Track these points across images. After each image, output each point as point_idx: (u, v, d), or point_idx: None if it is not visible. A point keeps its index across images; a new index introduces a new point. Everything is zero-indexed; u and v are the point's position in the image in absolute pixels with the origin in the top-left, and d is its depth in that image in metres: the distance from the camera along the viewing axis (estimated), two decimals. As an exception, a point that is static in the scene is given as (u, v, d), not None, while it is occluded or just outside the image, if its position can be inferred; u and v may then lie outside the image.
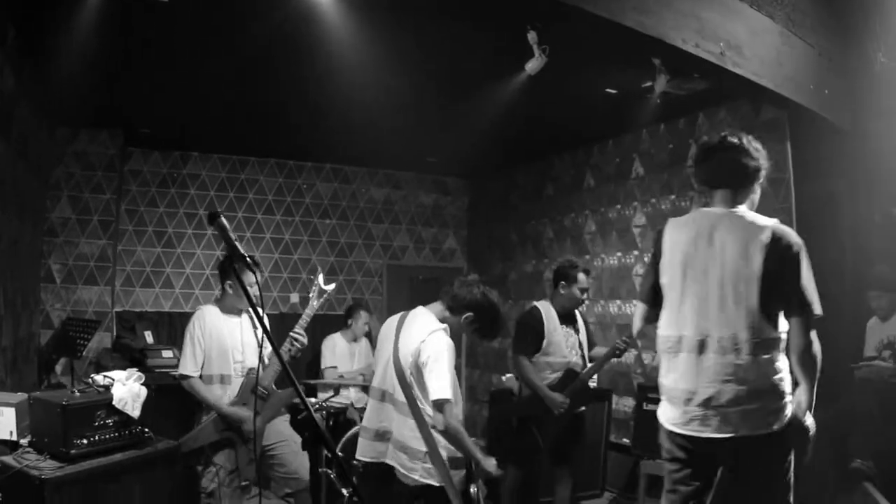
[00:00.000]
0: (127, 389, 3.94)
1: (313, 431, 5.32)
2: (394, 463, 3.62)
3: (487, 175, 10.15)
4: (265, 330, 2.33)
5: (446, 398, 3.47)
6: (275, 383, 4.64)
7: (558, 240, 8.75)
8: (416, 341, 3.61)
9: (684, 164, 6.98)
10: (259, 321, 2.34)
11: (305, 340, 4.54)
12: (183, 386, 4.57)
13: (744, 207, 3.12)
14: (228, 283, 4.65)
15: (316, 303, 4.55)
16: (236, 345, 4.61)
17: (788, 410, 2.97)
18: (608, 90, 6.20)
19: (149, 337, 7.71)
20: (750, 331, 2.92)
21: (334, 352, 7.21)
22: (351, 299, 9.06)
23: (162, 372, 6.52)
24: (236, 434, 4.48)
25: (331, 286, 4.61)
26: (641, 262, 7.43)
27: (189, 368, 4.53)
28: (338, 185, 9.63)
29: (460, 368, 9.51)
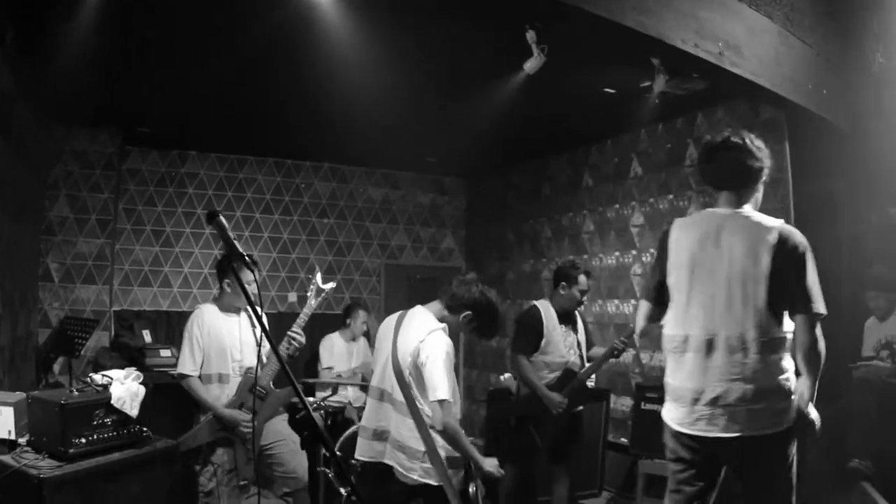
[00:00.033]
0: (125, 388, 3.94)
1: (312, 431, 5.32)
2: (392, 462, 3.62)
3: (485, 175, 10.15)
4: (264, 329, 2.33)
5: (445, 398, 3.47)
6: (273, 382, 4.64)
7: (556, 239, 8.75)
8: (415, 341, 3.61)
9: (682, 164, 6.99)
10: (258, 320, 2.35)
11: (303, 339, 4.53)
12: (181, 385, 4.57)
13: (749, 207, 3.15)
14: (227, 282, 4.65)
15: (314, 302, 4.55)
16: (235, 344, 4.61)
17: (793, 411, 2.99)
18: (606, 90, 6.21)
19: (147, 336, 7.72)
20: (757, 330, 2.95)
21: (332, 352, 7.21)
22: (349, 299, 9.04)
23: (160, 371, 6.53)
24: (234, 433, 4.48)
25: (329, 285, 4.61)
26: (640, 262, 7.44)
27: (188, 367, 4.54)
28: (336, 185, 9.63)
29: (458, 368, 9.50)
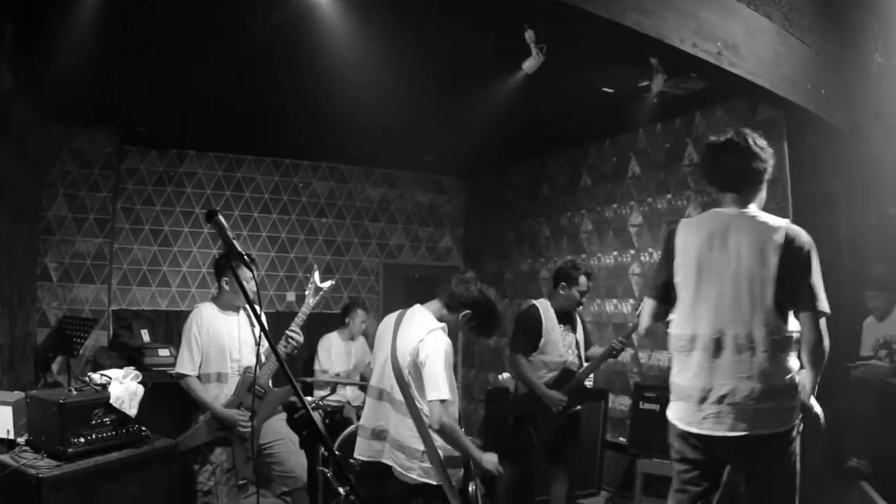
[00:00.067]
0: (124, 388, 3.93)
1: (311, 430, 5.33)
2: (391, 462, 3.62)
3: (484, 174, 10.15)
4: (262, 327, 2.32)
5: (445, 397, 3.47)
6: (271, 381, 4.64)
7: (554, 239, 8.75)
8: (414, 340, 3.60)
9: (681, 164, 6.99)
10: (256, 318, 2.34)
11: (301, 338, 4.53)
12: (180, 384, 4.57)
13: (754, 207, 3.18)
14: (225, 280, 4.65)
15: (312, 300, 4.54)
16: (234, 343, 4.61)
17: (799, 410, 3.03)
18: (605, 89, 6.21)
19: (145, 335, 7.71)
20: (765, 329, 2.97)
21: (330, 352, 7.19)
22: (347, 298, 9.05)
23: (159, 370, 6.53)
24: (233, 433, 4.47)
25: (327, 283, 4.60)
26: (638, 262, 7.44)
27: (186, 367, 4.53)
28: (334, 184, 9.62)
29: (457, 367, 9.51)
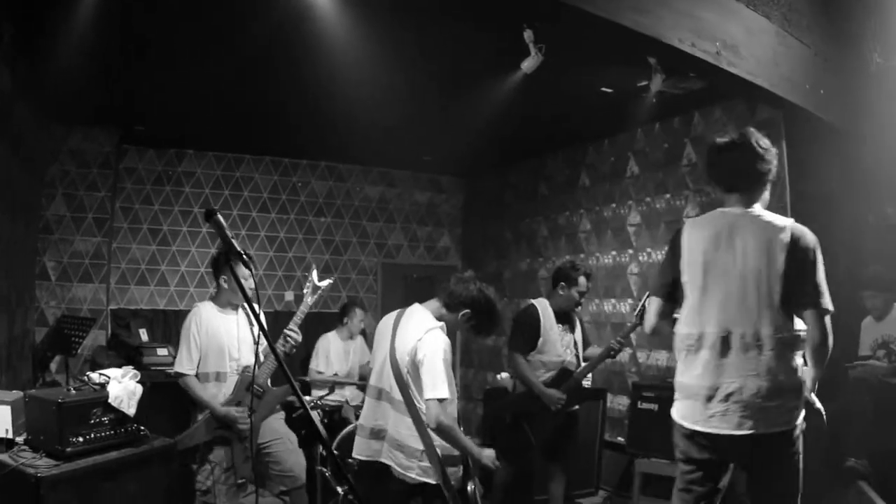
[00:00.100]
0: (123, 387, 3.93)
1: (309, 429, 5.32)
2: (389, 462, 3.62)
3: (482, 173, 10.15)
4: (261, 326, 2.31)
5: (442, 396, 3.47)
6: (270, 380, 4.64)
7: (553, 238, 8.75)
8: (413, 339, 3.61)
9: (679, 164, 7.00)
10: (254, 316, 2.33)
11: (300, 337, 4.53)
12: (178, 383, 4.57)
13: (759, 206, 3.20)
14: (223, 278, 4.64)
15: (310, 299, 4.53)
16: (233, 342, 4.60)
17: (803, 408, 3.05)
18: (604, 89, 6.21)
19: (143, 335, 7.71)
20: (772, 327, 2.99)
21: (328, 352, 7.16)
22: (346, 297, 9.05)
23: (157, 370, 6.53)
24: (231, 432, 4.47)
25: (325, 282, 4.60)
26: (636, 261, 7.44)
27: (185, 366, 4.53)
28: (333, 183, 9.62)
29: (455, 367, 9.51)
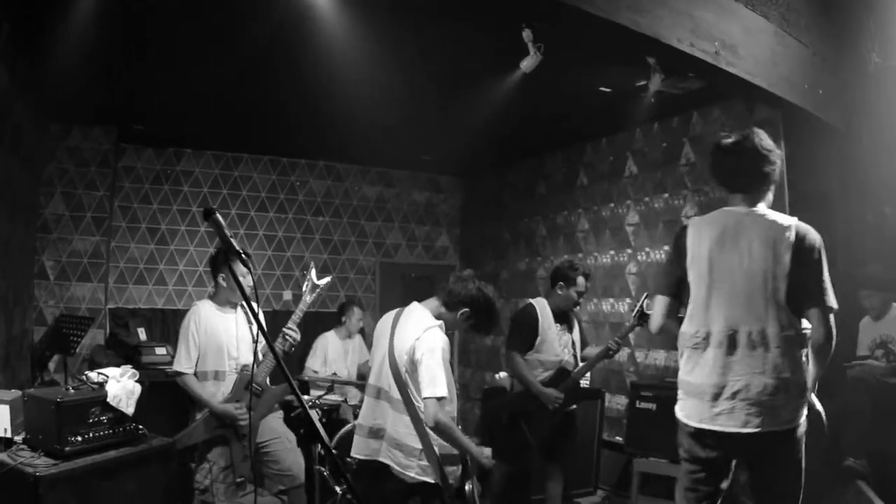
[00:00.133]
0: (121, 386, 3.94)
1: (308, 428, 5.32)
2: (388, 461, 3.62)
3: (480, 173, 10.15)
4: (259, 324, 2.31)
5: (440, 395, 3.47)
6: (269, 379, 4.64)
7: (551, 238, 8.76)
8: (411, 338, 3.61)
9: (678, 163, 7.00)
10: (253, 314, 2.33)
11: (298, 336, 4.53)
12: (177, 382, 4.57)
13: (763, 206, 3.22)
14: (221, 277, 4.64)
15: (309, 298, 4.54)
16: (231, 341, 4.60)
17: (806, 408, 3.06)
18: (602, 88, 6.22)
19: (142, 334, 7.71)
20: (778, 325, 3.00)
21: (326, 351, 7.16)
22: (344, 297, 9.05)
23: (156, 369, 6.52)
24: (230, 431, 4.47)
25: (324, 280, 4.60)
26: (634, 261, 7.45)
27: (183, 365, 4.52)
28: (331, 183, 9.62)
29: (453, 366, 9.52)
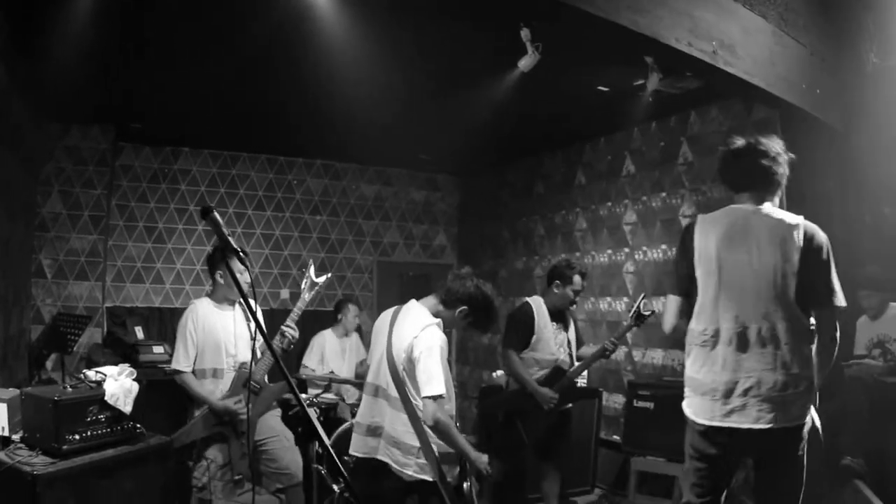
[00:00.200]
0: (119, 385, 3.94)
1: (306, 426, 5.32)
2: (386, 459, 3.63)
3: (479, 172, 10.15)
4: (257, 322, 2.30)
5: (438, 393, 3.48)
6: (267, 377, 4.64)
7: (549, 237, 8.76)
8: (409, 337, 3.62)
9: (676, 162, 7.01)
10: (251, 312, 2.33)
11: (297, 333, 4.54)
12: (175, 381, 4.57)
13: (769, 205, 3.22)
14: (219, 274, 4.64)
15: (307, 295, 4.55)
16: (229, 338, 4.61)
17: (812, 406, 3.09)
18: (600, 88, 6.22)
19: (139, 332, 7.71)
20: (787, 322, 3.02)
21: (323, 349, 7.16)
22: (341, 295, 9.05)
23: (153, 367, 6.51)
24: (228, 428, 4.47)
25: (322, 278, 4.61)
26: (632, 260, 7.45)
27: (182, 363, 4.53)
28: (328, 182, 9.62)
29: (451, 365, 9.52)
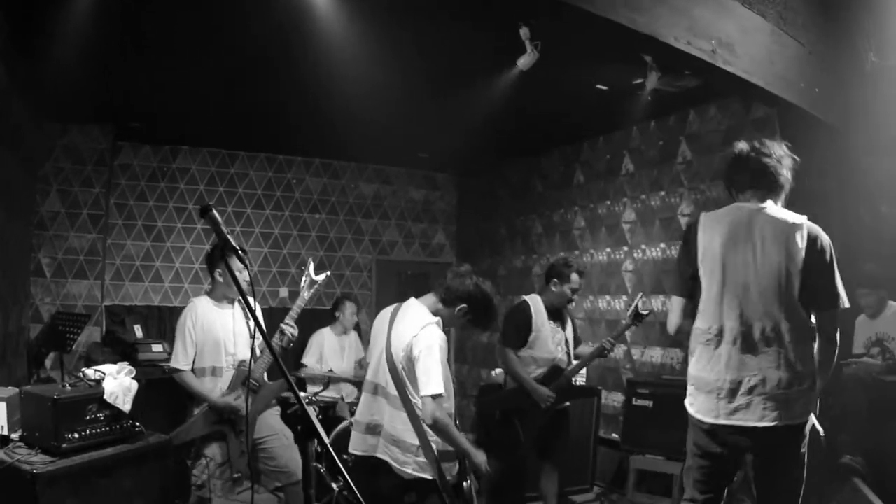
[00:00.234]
0: (118, 383, 3.94)
1: (305, 424, 5.32)
2: (385, 457, 3.62)
3: (477, 171, 10.15)
4: (256, 321, 2.30)
5: (437, 392, 3.47)
6: (266, 375, 4.64)
7: (547, 235, 8.77)
8: (409, 335, 3.61)
9: (674, 161, 7.01)
10: (249, 310, 2.33)
11: (296, 331, 4.54)
12: (174, 379, 4.57)
13: (772, 203, 3.22)
14: (218, 272, 4.64)
15: (307, 293, 4.55)
16: (229, 336, 4.61)
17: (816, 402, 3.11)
18: (599, 86, 6.22)
19: (138, 331, 7.72)
20: (791, 322, 3.03)
21: (322, 348, 7.16)
22: (340, 294, 9.04)
23: (153, 366, 6.51)
24: (228, 426, 4.47)
25: (322, 276, 4.61)
26: (631, 258, 7.46)
27: (181, 362, 4.53)
28: (327, 180, 9.62)
29: (450, 363, 9.52)
